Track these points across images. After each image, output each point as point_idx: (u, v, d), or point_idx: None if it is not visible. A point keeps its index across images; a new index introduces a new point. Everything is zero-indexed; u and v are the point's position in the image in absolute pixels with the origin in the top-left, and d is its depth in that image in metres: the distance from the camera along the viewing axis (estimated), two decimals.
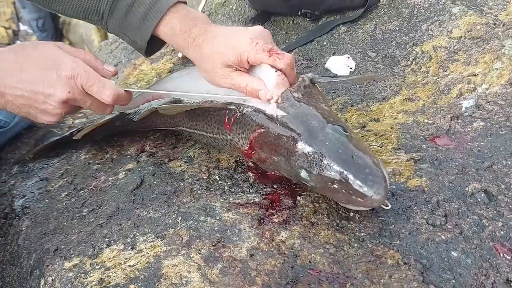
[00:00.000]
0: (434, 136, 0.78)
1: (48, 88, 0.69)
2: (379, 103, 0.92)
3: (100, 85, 0.72)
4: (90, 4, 0.79)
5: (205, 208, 0.69)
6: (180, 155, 0.87)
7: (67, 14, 0.83)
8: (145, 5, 0.77)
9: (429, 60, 0.95)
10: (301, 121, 0.65)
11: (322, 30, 1.21)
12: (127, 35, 0.81)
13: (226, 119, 0.74)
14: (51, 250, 0.70)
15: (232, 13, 1.52)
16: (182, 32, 0.76)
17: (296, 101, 0.69)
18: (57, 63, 0.70)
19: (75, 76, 0.70)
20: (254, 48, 0.69)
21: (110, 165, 0.92)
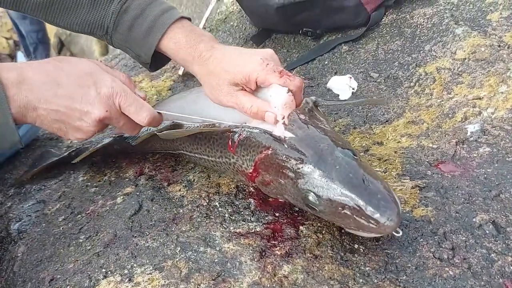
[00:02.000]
0: (439, 161, 0.77)
1: (86, 105, 0.67)
2: (382, 125, 0.90)
3: (138, 106, 0.70)
4: (95, 19, 0.80)
5: (205, 238, 0.67)
6: (179, 179, 0.85)
7: (73, 29, 0.84)
8: (150, 19, 0.78)
9: (432, 82, 0.94)
10: (310, 143, 0.65)
11: (324, 49, 1.20)
12: (132, 49, 0.82)
13: (230, 142, 0.73)
14: (47, 280, 0.69)
15: (233, 29, 1.51)
16: (188, 47, 0.76)
17: (303, 123, 0.68)
18: (96, 80, 0.68)
19: (114, 95, 0.68)
20: (264, 68, 0.69)
21: (108, 188, 0.90)
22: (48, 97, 0.65)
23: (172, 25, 0.78)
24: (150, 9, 0.80)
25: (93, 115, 0.67)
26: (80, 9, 0.81)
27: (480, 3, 1.05)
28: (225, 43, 1.47)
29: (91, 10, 0.80)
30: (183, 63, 0.81)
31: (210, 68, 0.74)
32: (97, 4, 0.80)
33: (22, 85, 0.63)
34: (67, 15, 0.82)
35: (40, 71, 0.66)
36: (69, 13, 0.81)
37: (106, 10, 0.80)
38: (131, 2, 0.80)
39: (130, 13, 0.79)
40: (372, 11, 1.18)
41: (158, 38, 0.78)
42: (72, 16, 0.82)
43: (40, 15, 0.83)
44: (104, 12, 0.80)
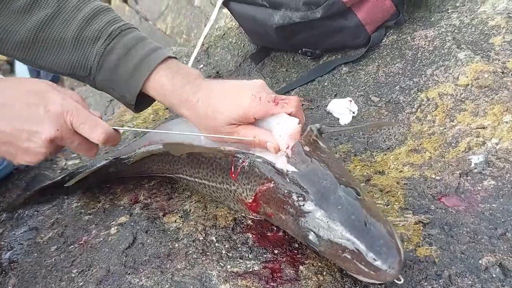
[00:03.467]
0: (443, 194, 0.75)
1: (34, 125, 0.63)
2: (383, 153, 0.88)
3: (92, 124, 0.66)
4: (78, 60, 0.76)
5: (201, 278, 0.65)
6: (175, 208, 0.83)
7: (53, 70, 0.79)
8: (136, 59, 0.74)
9: (435, 108, 0.92)
10: (312, 180, 0.63)
11: (323, 70, 1.19)
12: (116, 90, 0.78)
13: (233, 168, 0.71)
14: None
15: (232, 46, 1.49)
16: (174, 89, 0.72)
17: (307, 156, 0.66)
18: (45, 98, 0.64)
19: (65, 113, 0.64)
20: (259, 103, 0.67)
21: (102, 216, 0.87)
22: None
23: (158, 66, 0.74)
24: (136, 49, 0.75)
25: (42, 135, 0.63)
26: (63, 49, 0.76)
27: (482, 26, 1.04)
28: (223, 60, 1.46)
29: (74, 50, 0.76)
30: (169, 106, 0.77)
31: (200, 112, 0.71)
32: (80, 45, 0.76)
33: None
34: (49, 55, 0.77)
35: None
36: (51, 53, 0.77)
37: (90, 51, 0.76)
38: (116, 42, 0.76)
39: (115, 53, 0.75)
40: (373, 31, 1.17)
41: (144, 79, 0.74)
42: (53, 56, 0.77)
43: (20, 55, 0.78)
44: (88, 53, 0.76)
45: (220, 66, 1.44)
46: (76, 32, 0.75)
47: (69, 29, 0.75)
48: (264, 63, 1.35)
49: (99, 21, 0.76)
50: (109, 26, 0.76)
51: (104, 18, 0.77)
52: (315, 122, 1.04)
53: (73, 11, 0.76)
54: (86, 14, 0.76)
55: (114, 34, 0.76)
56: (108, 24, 0.76)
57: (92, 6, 0.78)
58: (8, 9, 0.74)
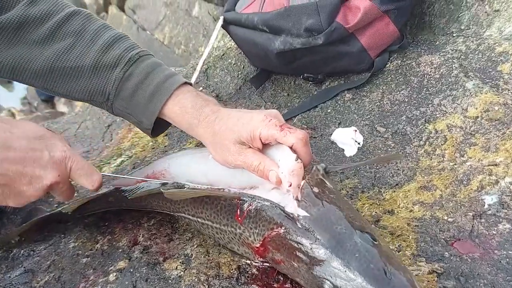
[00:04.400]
0: (456, 238, 0.71)
1: (38, 169, 0.64)
2: (392, 189, 0.85)
3: (89, 170, 0.70)
4: (97, 86, 0.78)
5: None
6: (176, 252, 0.80)
7: (72, 97, 0.82)
8: (154, 84, 0.77)
9: (443, 141, 0.89)
10: (326, 225, 0.60)
11: (326, 96, 1.15)
12: (133, 115, 0.80)
13: (238, 211, 0.68)
14: None
15: (231, 67, 1.46)
16: (194, 110, 0.75)
17: (317, 199, 0.63)
18: (48, 144, 0.66)
19: (66, 159, 0.67)
20: (267, 124, 0.68)
21: (100, 259, 0.84)
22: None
23: (177, 90, 0.77)
24: (153, 75, 0.79)
25: (44, 180, 0.65)
26: (81, 76, 0.79)
27: (489, 52, 1.01)
28: (223, 82, 1.43)
29: (93, 77, 0.79)
30: (187, 127, 0.78)
31: (215, 129, 0.73)
32: (99, 71, 0.78)
33: None
34: (67, 83, 0.80)
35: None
36: (69, 80, 0.79)
37: (109, 77, 0.78)
38: (135, 69, 0.78)
39: (133, 79, 0.78)
40: (376, 56, 1.14)
41: (163, 102, 0.77)
42: (72, 83, 0.80)
43: (38, 83, 0.81)
44: (106, 79, 0.79)
45: (219, 88, 1.41)
46: (94, 60, 0.78)
47: (87, 57, 0.78)
48: (264, 87, 1.31)
49: (117, 48, 0.79)
50: (127, 52, 0.79)
51: (122, 45, 0.80)
52: (319, 152, 1.01)
53: (91, 39, 0.79)
54: (104, 42, 0.79)
55: (132, 60, 0.78)
56: (126, 50, 0.79)
57: (109, 34, 0.80)
58: (26, 40, 0.77)
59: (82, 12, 0.83)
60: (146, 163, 1.14)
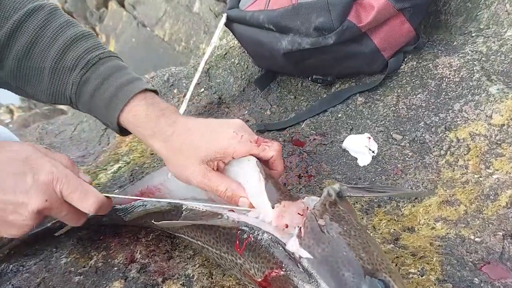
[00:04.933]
0: (485, 261, 0.65)
1: (20, 196, 0.58)
2: (411, 204, 0.78)
3: (83, 192, 0.62)
4: (57, 89, 0.73)
5: None
6: (176, 272, 0.73)
7: (40, 99, 0.76)
8: (110, 91, 0.70)
9: (467, 151, 0.82)
10: (331, 271, 0.51)
11: (337, 99, 1.08)
12: (98, 118, 0.75)
13: (238, 241, 0.61)
14: None
15: (234, 67, 1.39)
16: (148, 121, 0.69)
17: (323, 235, 0.55)
18: (33, 166, 0.59)
19: (54, 181, 0.60)
20: (240, 141, 0.64)
21: (94, 278, 0.77)
22: None
23: (132, 98, 0.70)
24: (110, 80, 0.71)
25: (29, 207, 0.58)
26: (43, 78, 0.73)
27: None
28: (225, 83, 1.36)
29: (53, 79, 0.72)
30: (142, 138, 0.72)
31: (174, 145, 0.67)
32: (58, 74, 0.72)
33: None
34: (33, 84, 0.74)
35: None
36: (32, 82, 0.73)
37: (67, 81, 0.72)
38: (92, 73, 0.72)
39: (90, 84, 0.71)
40: (390, 57, 1.07)
41: (118, 112, 0.70)
42: (37, 85, 0.74)
43: (12, 83, 0.75)
44: (65, 83, 0.72)
45: (222, 90, 1.34)
46: (53, 62, 0.71)
47: (47, 58, 0.71)
48: (269, 89, 1.24)
49: (76, 49, 0.72)
50: (87, 54, 0.72)
51: (82, 45, 0.73)
52: (329, 160, 0.94)
53: (51, 38, 0.72)
54: (64, 42, 0.72)
55: (90, 63, 0.72)
56: (85, 52, 0.72)
57: (70, 32, 0.73)
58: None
59: (45, 6, 0.75)
60: (144, 170, 1.07)
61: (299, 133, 1.06)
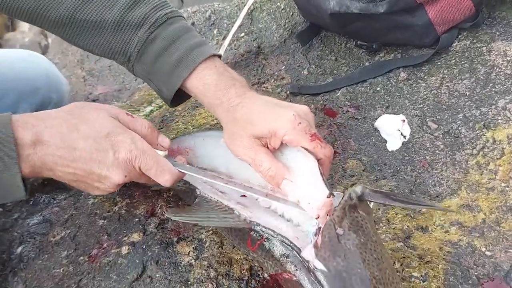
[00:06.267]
0: (489, 278, 0.65)
1: (103, 170, 0.62)
2: (431, 202, 0.78)
3: (159, 169, 0.65)
4: (118, 45, 0.73)
5: None
6: (190, 235, 0.77)
7: (92, 52, 0.76)
8: (178, 54, 0.70)
9: (500, 155, 0.78)
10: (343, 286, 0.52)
11: (378, 71, 1.04)
12: (154, 82, 0.75)
13: (250, 240, 0.63)
14: None
15: (279, 13, 1.34)
16: (217, 90, 0.69)
17: (340, 245, 0.54)
18: (114, 143, 0.63)
19: (133, 159, 0.63)
20: (295, 127, 0.62)
21: (116, 225, 0.83)
22: (64, 161, 0.61)
23: (202, 63, 0.70)
24: (179, 42, 0.71)
25: (111, 180, 0.63)
26: (102, 32, 0.72)
27: None
28: (267, 30, 1.31)
29: (114, 35, 0.72)
30: (208, 106, 0.73)
31: (235, 115, 0.67)
32: (121, 29, 0.71)
33: (37, 147, 0.59)
34: (87, 37, 0.73)
35: (55, 133, 0.60)
36: (90, 35, 0.73)
37: (131, 37, 0.72)
38: (160, 32, 0.71)
39: (157, 44, 0.71)
40: (443, 32, 0.99)
41: (185, 76, 0.70)
42: (92, 38, 0.73)
43: (57, 33, 0.75)
44: (129, 39, 0.72)
45: (262, 37, 1.30)
46: (118, 15, 0.70)
47: (111, 11, 0.70)
48: (311, 45, 1.20)
49: (144, 5, 0.71)
50: (155, 12, 0.71)
51: (150, 1, 0.72)
52: (358, 138, 0.93)
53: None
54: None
55: (159, 22, 0.71)
56: (154, 9, 0.72)
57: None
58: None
59: None
60: (175, 118, 1.09)
61: (333, 101, 1.03)
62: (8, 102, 0.98)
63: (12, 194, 0.60)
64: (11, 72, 1.00)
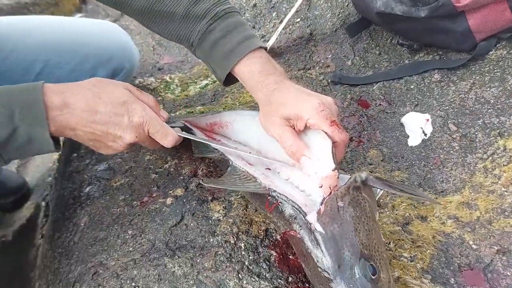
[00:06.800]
0: (470, 267, 0.75)
1: (119, 131, 0.77)
2: (435, 196, 0.87)
3: (163, 133, 0.81)
4: (184, 33, 0.88)
5: (219, 284, 0.75)
6: (222, 196, 0.92)
7: (164, 36, 0.93)
8: (231, 44, 0.84)
9: (507, 162, 0.86)
10: (335, 248, 0.64)
11: (415, 70, 1.11)
12: (210, 64, 0.90)
13: (268, 203, 0.77)
14: (91, 273, 0.83)
15: (336, 2, 1.42)
16: (260, 76, 0.82)
17: (338, 216, 0.67)
18: (129, 109, 0.77)
19: (143, 123, 0.78)
20: (319, 112, 0.74)
21: (165, 180, 0.99)
22: (86, 122, 0.75)
23: (250, 53, 0.83)
24: (232, 34, 0.85)
25: (124, 140, 0.78)
26: (172, 21, 0.87)
27: None
28: (322, 17, 1.41)
29: (182, 24, 0.87)
30: (250, 88, 0.86)
31: (271, 99, 0.80)
32: (187, 20, 0.86)
33: (64, 109, 0.73)
34: (160, 24, 0.89)
35: (81, 99, 0.75)
36: (163, 22, 0.89)
37: (194, 27, 0.86)
38: (218, 24, 0.85)
39: (214, 34, 0.85)
40: (482, 40, 1.05)
41: (234, 63, 0.84)
42: (164, 25, 0.89)
43: (137, 19, 0.92)
44: (192, 29, 0.86)
45: (316, 24, 1.39)
46: (185, 9, 0.85)
47: (180, 5, 0.85)
48: (359, 37, 1.28)
49: (207, 1, 0.86)
50: (215, 7, 0.85)
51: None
52: (384, 130, 1.02)
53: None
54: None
55: (217, 16, 0.85)
56: (214, 5, 0.86)
57: None
58: None
59: None
60: (225, 94, 1.23)
61: (369, 94, 1.13)
62: (88, 66, 1.16)
63: (44, 147, 0.74)
64: (93, 41, 1.18)
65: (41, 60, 1.11)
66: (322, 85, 1.19)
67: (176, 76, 1.38)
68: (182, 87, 1.33)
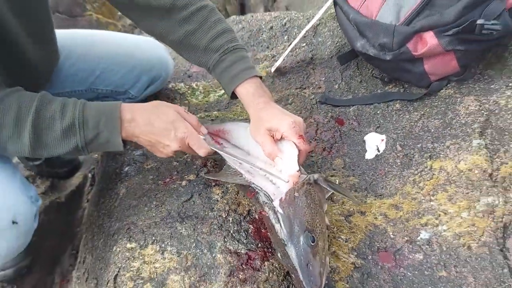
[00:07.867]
0: (385, 250, 1.07)
1: (167, 141, 1.06)
2: (374, 198, 1.19)
3: (199, 146, 1.10)
4: (203, 61, 1.22)
5: (210, 244, 1.10)
6: (222, 183, 1.27)
7: (189, 60, 1.28)
8: (235, 71, 1.17)
9: (430, 178, 1.17)
10: (289, 223, 0.97)
11: (382, 98, 1.42)
12: (221, 84, 1.23)
13: (249, 192, 1.11)
14: (125, 228, 1.19)
15: (337, 32, 1.73)
16: (252, 97, 1.15)
17: (293, 202, 0.99)
18: (175, 126, 1.08)
19: (185, 138, 1.06)
20: (291, 128, 1.07)
21: (183, 167, 1.35)
22: (146, 133, 1.09)
23: (247, 80, 1.16)
24: (237, 65, 1.18)
25: (171, 148, 1.10)
26: (196, 52, 1.21)
27: None
28: (323, 44, 1.71)
29: (202, 54, 1.21)
30: (245, 105, 1.19)
31: (259, 114, 1.13)
32: (207, 52, 1.19)
33: (132, 122, 1.07)
34: (188, 53, 1.23)
35: (144, 117, 1.08)
36: (189, 52, 1.23)
37: (211, 57, 1.19)
38: (227, 57, 1.18)
39: (225, 63, 1.18)
40: (435, 80, 1.35)
41: (236, 85, 1.17)
42: (190, 54, 1.23)
43: (172, 47, 1.27)
44: (210, 58, 1.20)
45: (317, 50, 1.71)
46: (206, 44, 1.19)
47: (203, 40, 1.19)
48: (348, 66, 1.59)
49: (222, 39, 1.19)
50: (227, 44, 1.19)
51: (226, 36, 1.20)
52: (351, 144, 1.35)
53: (209, 28, 1.19)
54: (215, 32, 1.19)
55: (228, 50, 1.18)
56: (227, 42, 1.19)
57: (221, 27, 1.20)
58: (172, 18, 1.19)
59: (209, 6, 1.21)
60: (236, 102, 1.57)
61: (345, 114, 1.44)
62: (134, 74, 1.52)
63: (116, 147, 1.07)
64: (139, 54, 1.53)
65: (100, 68, 1.47)
66: (312, 103, 1.51)
67: (201, 84, 1.73)
68: (204, 93, 1.68)
